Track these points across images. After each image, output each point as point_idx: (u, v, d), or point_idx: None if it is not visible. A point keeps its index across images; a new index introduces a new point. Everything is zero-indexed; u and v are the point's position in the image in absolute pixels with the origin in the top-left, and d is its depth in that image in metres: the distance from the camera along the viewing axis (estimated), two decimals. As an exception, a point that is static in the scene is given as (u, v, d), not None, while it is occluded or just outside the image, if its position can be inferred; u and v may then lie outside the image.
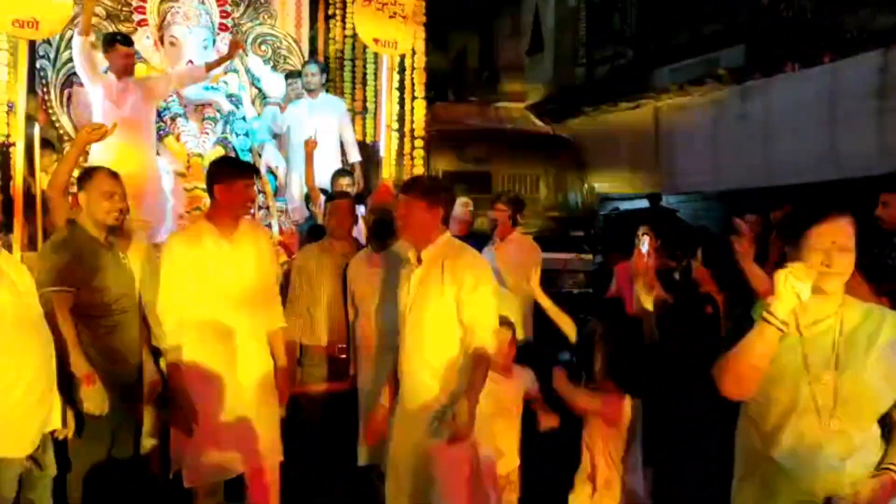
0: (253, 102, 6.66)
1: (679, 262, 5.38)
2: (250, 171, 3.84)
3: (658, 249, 5.14)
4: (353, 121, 7.18)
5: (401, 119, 6.50)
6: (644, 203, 10.95)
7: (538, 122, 10.60)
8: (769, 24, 9.87)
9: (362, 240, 4.84)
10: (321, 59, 7.32)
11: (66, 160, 4.27)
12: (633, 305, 4.56)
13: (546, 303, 4.00)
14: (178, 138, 6.11)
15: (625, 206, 12.25)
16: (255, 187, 4.10)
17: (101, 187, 3.51)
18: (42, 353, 3.03)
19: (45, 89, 5.92)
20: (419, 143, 6.33)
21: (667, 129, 11.52)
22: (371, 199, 4.98)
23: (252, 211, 4.78)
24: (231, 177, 3.57)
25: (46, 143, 5.50)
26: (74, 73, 5.77)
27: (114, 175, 3.60)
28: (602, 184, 11.20)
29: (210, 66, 5.86)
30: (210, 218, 3.65)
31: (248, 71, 6.68)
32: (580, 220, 9.43)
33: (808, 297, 2.12)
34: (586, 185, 10.03)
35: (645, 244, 4.00)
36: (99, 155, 5.12)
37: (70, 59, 5.80)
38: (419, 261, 3.31)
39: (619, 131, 12.23)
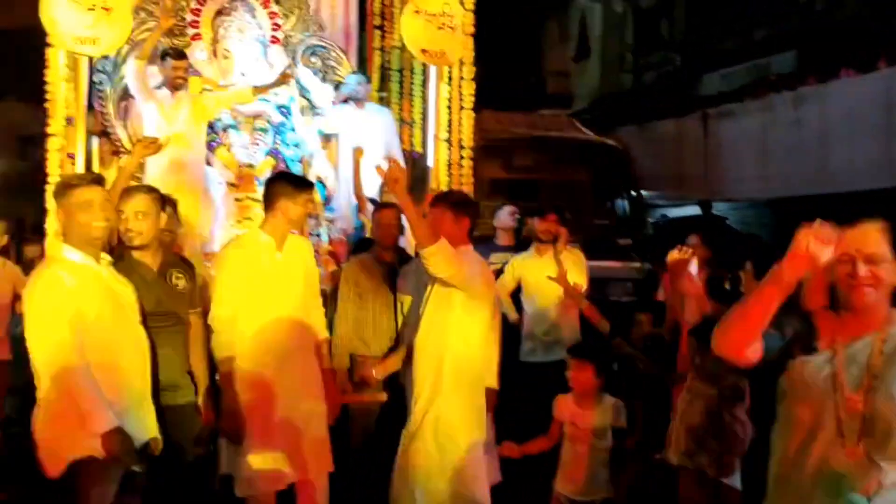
0: (302, 113, 6.73)
1: (729, 271, 5.29)
2: (311, 185, 3.95)
3: (707, 261, 5.07)
4: (400, 131, 7.21)
5: (448, 130, 6.52)
6: (692, 210, 10.82)
7: (585, 130, 10.51)
8: (821, 29, 9.71)
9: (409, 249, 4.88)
10: (369, 69, 7.38)
11: (123, 174, 4.33)
12: (682, 317, 4.51)
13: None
14: (228, 149, 6.22)
15: (673, 213, 12.12)
16: (310, 200, 4.18)
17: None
18: (143, 357, 3.15)
19: (102, 102, 6.06)
20: (467, 153, 6.35)
21: (715, 136, 11.38)
22: (420, 208, 5.02)
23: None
24: (296, 191, 3.66)
25: (104, 133, 5.75)
26: (132, 86, 5.93)
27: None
28: (650, 191, 11.08)
29: (257, 91, 5.98)
30: (265, 230, 3.72)
31: (297, 82, 6.76)
32: (628, 227, 9.34)
33: (825, 261, 1.88)
34: (634, 193, 9.93)
35: (693, 266, 3.78)
36: (151, 169, 5.25)
37: (127, 73, 5.95)
38: None
39: (667, 138, 12.11)
